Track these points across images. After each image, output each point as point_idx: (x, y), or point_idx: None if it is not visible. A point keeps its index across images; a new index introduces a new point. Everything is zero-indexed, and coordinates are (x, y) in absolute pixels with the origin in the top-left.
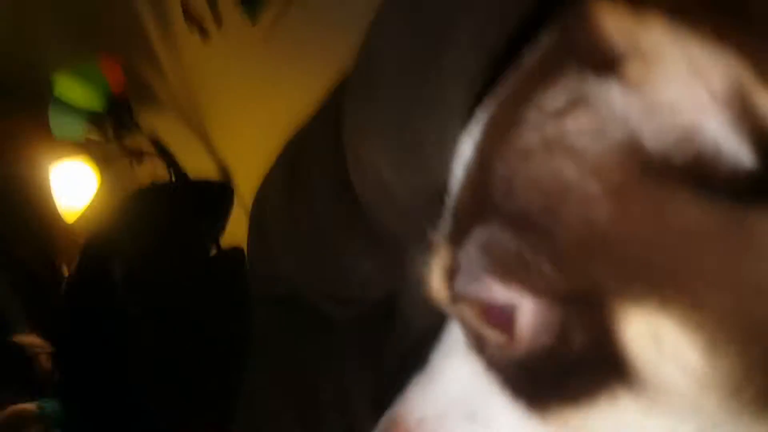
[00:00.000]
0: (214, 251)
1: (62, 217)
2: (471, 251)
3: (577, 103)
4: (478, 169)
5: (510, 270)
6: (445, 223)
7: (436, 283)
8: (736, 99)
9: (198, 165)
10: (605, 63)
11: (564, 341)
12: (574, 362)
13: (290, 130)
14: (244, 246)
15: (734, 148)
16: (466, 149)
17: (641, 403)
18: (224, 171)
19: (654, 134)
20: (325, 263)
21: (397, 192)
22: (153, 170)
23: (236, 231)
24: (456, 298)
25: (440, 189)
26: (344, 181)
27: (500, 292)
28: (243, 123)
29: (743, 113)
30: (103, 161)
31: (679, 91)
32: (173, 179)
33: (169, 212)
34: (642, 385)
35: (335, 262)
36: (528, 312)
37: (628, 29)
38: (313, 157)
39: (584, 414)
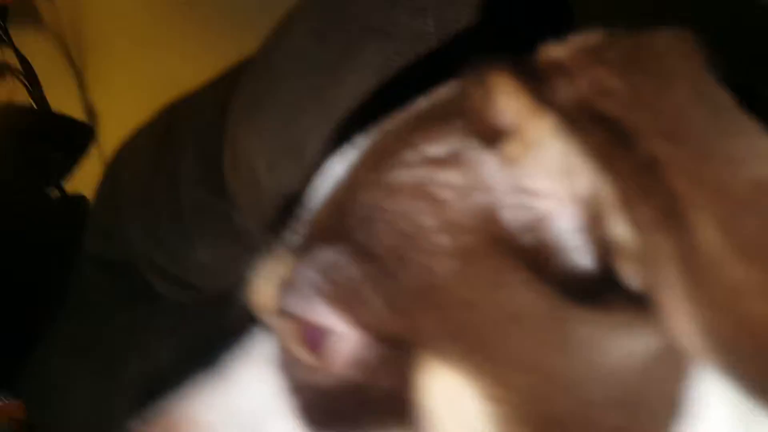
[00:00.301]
0: (55, 193)
1: None
2: (311, 269)
3: (454, 158)
4: (344, 192)
5: (344, 298)
6: (294, 236)
7: (266, 292)
8: (593, 209)
9: (63, 101)
10: (490, 133)
11: (372, 378)
12: (372, 402)
13: (170, 98)
14: (89, 197)
15: (578, 249)
16: (336, 169)
17: None
18: (89, 114)
19: (511, 211)
20: (172, 242)
21: (265, 192)
22: (11, 91)
23: (86, 180)
24: (281, 311)
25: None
26: (214, 169)
27: (327, 317)
28: (122, 73)
29: (594, 224)
30: None
31: (544, 180)
32: (33, 106)
33: (19, 136)
34: None
35: (182, 244)
36: (348, 343)
37: (519, 111)
38: (189, 135)
39: None
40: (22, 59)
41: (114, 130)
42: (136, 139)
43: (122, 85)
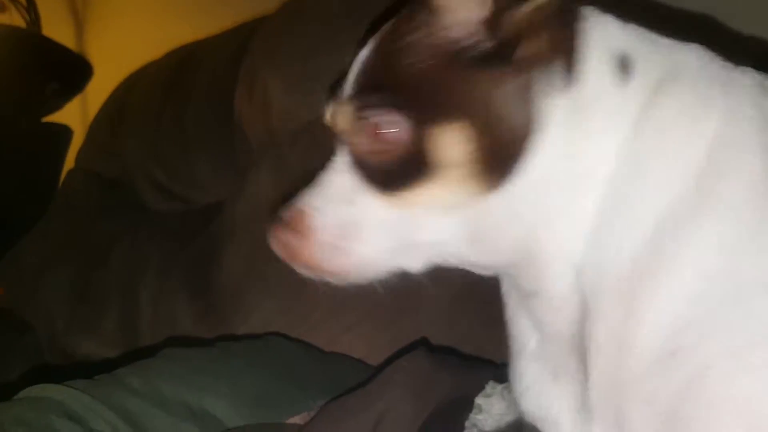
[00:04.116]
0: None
1: None
2: (373, 99)
3: (418, 21)
4: (375, 60)
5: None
6: (349, 89)
7: (344, 117)
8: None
9: (59, 36)
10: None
11: (414, 148)
12: (412, 162)
13: (159, 53)
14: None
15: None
16: (362, 53)
17: (444, 185)
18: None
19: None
20: (172, 158)
21: (275, 113)
22: (10, 20)
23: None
24: (359, 118)
25: (317, 118)
26: (224, 99)
27: (387, 116)
28: (119, 23)
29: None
30: None
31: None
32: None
33: (19, 61)
34: (439, 176)
35: (182, 160)
36: (403, 129)
37: None
38: (204, 69)
39: (414, 194)
40: None
41: (101, 75)
42: (146, 70)
43: (117, 33)
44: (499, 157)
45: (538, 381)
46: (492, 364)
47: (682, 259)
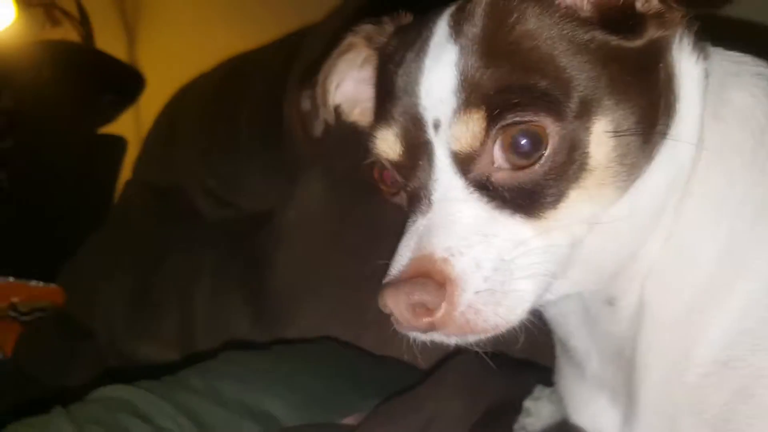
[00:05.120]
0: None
1: None
2: (510, 102)
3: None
4: (482, 62)
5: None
6: (456, 103)
7: (473, 132)
8: None
9: (111, 49)
10: None
11: (569, 153)
12: (562, 172)
13: (210, 65)
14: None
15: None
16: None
17: (590, 194)
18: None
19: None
20: (225, 166)
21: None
22: (65, 37)
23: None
24: (489, 141)
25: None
26: (274, 110)
27: (535, 117)
28: (171, 34)
29: None
30: (26, 2)
31: None
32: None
33: (74, 73)
34: (595, 176)
35: (234, 168)
36: (553, 131)
37: None
38: (255, 80)
39: (560, 213)
40: (80, 7)
41: (153, 86)
42: (198, 81)
43: (167, 45)
44: (643, 146)
45: (589, 397)
46: (539, 367)
47: (746, 273)
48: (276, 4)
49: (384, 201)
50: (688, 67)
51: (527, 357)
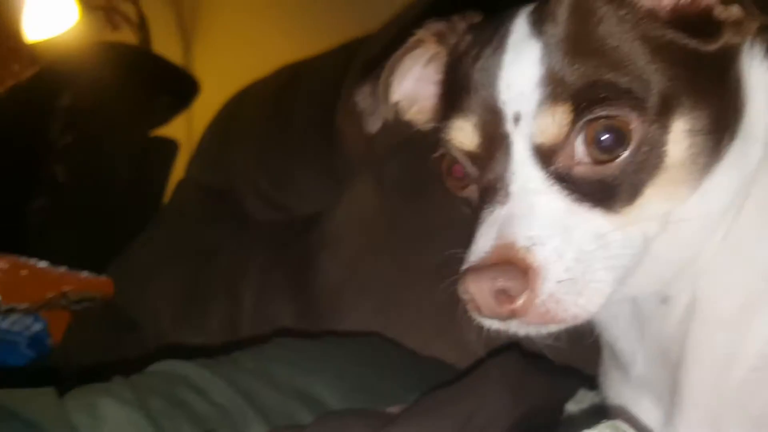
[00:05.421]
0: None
1: (20, 32)
2: (596, 96)
3: None
4: (566, 56)
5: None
6: (540, 97)
7: (558, 125)
8: None
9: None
10: None
11: (649, 150)
12: (641, 168)
13: (265, 70)
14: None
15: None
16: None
17: (664, 191)
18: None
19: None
20: (277, 168)
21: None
22: (123, 37)
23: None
24: (573, 134)
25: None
26: (327, 116)
27: (617, 112)
28: (227, 39)
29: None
30: (88, 5)
31: None
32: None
33: (130, 75)
34: (670, 173)
35: (286, 170)
36: (637, 127)
37: None
38: (310, 86)
39: (635, 209)
40: (139, 12)
41: (206, 91)
42: (253, 87)
43: (223, 51)
44: (714, 146)
45: (633, 399)
46: (582, 374)
47: None
48: (334, 12)
49: (433, 203)
50: (759, 73)
51: (570, 363)
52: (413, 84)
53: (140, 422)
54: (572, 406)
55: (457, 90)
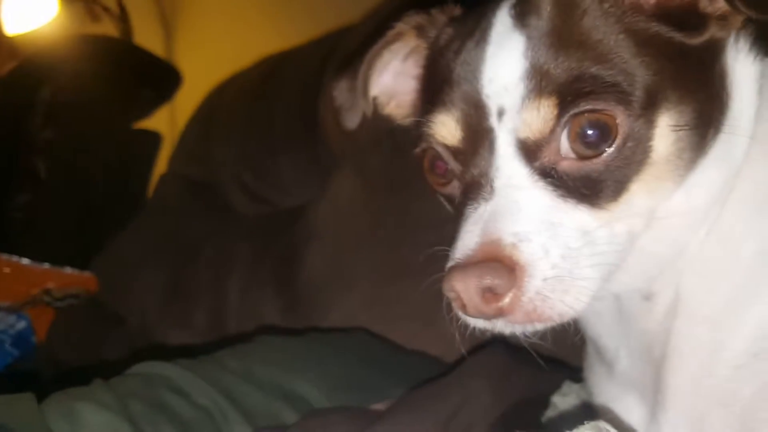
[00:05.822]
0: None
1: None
2: (581, 89)
3: None
4: (551, 50)
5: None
6: (526, 90)
7: (543, 119)
8: None
9: (149, 45)
10: None
11: (634, 144)
12: (626, 164)
13: (246, 63)
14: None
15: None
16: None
17: (649, 187)
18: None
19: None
20: (259, 159)
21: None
22: (103, 29)
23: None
24: (558, 129)
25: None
26: (310, 106)
27: (606, 105)
28: (208, 33)
29: None
30: None
31: None
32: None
33: (112, 68)
34: (656, 169)
35: (268, 161)
36: (622, 121)
37: None
38: (292, 77)
39: (620, 205)
40: (120, 4)
41: (189, 83)
42: (235, 79)
43: (204, 43)
44: (700, 140)
45: (618, 395)
46: (567, 366)
47: None
48: (314, 3)
49: (417, 196)
50: (745, 67)
51: (555, 356)
52: (392, 78)
53: (121, 427)
54: (558, 399)
55: (439, 84)
